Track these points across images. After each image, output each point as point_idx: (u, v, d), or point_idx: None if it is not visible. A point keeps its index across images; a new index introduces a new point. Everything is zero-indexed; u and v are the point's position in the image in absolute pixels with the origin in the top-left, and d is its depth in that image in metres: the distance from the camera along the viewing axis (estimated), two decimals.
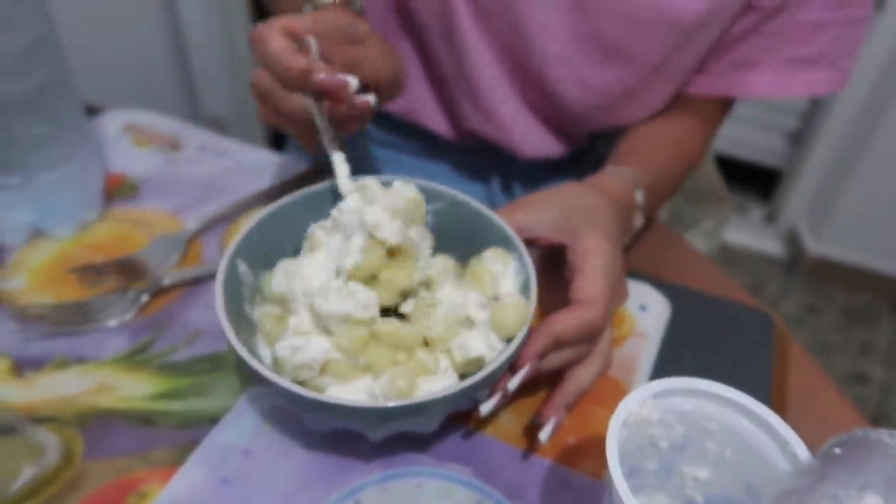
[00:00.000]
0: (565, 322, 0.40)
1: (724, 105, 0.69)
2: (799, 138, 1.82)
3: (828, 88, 0.63)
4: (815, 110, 1.75)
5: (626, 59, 0.61)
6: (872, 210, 1.72)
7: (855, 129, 1.68)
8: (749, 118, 1.82)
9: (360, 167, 0.75)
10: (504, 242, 0.45)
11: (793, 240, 1.90)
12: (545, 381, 0.47)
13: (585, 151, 0.77)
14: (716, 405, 0.34)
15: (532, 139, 0.69)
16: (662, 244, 0.80)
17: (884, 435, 0.28)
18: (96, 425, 0.43)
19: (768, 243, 1.94)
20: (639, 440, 0.35)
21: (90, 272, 0.52)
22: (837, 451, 0.28)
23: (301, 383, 0.38)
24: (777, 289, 1.85)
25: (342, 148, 0.46)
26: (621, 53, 0.60)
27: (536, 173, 0.75)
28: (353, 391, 0.38)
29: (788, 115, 1.81)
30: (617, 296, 0.44)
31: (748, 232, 1.96)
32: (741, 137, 1.86)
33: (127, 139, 0.66)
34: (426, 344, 0.41)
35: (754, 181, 1.99)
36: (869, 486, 0.26)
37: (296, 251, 0.46)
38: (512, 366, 0.39)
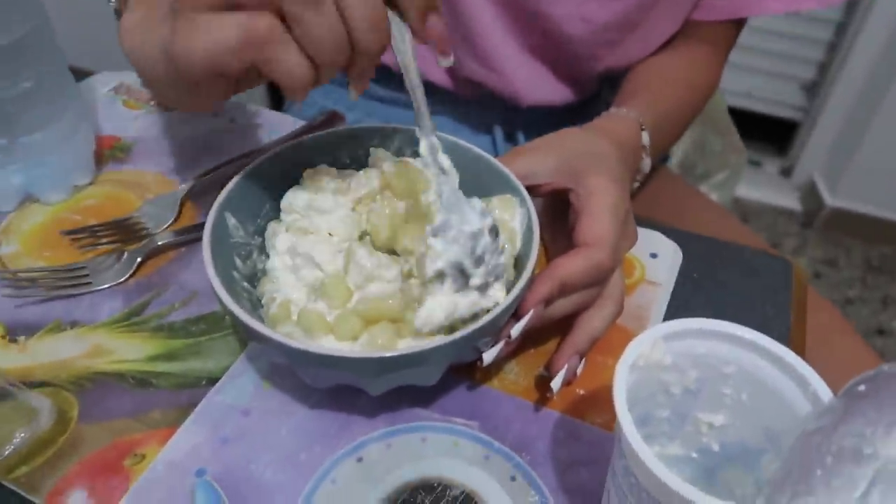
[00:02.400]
0: (571, 265, 0.38)
1: (736, 27, 0.66)
2: (815, 89, 1.77)
3: None
4: (832, 60, 1.70)
5: None
6: (891, 161, 1.67)
7: (873, 78, 1.62)
8: (764, 69, 1.77)
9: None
10: (506, 189, 0.43)
11: (810, 193, 1.85)
12: (553, 333, 0.45)
13: (591, 99, 0.74)
14: (731, 347, 0.32)
15: (534, 86, 0.67)
16: (675, 194, 0.77)
17: None
18: (92, 388, 0.42)
19: (784, 197, 1.90)
20: (650, 387, 0.33)
21: (83, 235, 0.51)
22: (862, 388, 0.26)
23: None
24: (794, 243, 1.81)
25: None
26: None
27: (540, 123, 0.72)
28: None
29: (805, 66, 1.76)
30: (625, 237, 0.42)
31: (763, 186, 1.91)
32: (756, 89, 1.81)
33: (118, 101, 0.64)
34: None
35: (769, 134, 1.94)
36: None
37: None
38: (515, 313, 0.38)
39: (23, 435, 0.38)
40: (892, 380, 0.26)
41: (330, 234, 0.42)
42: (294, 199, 0.42)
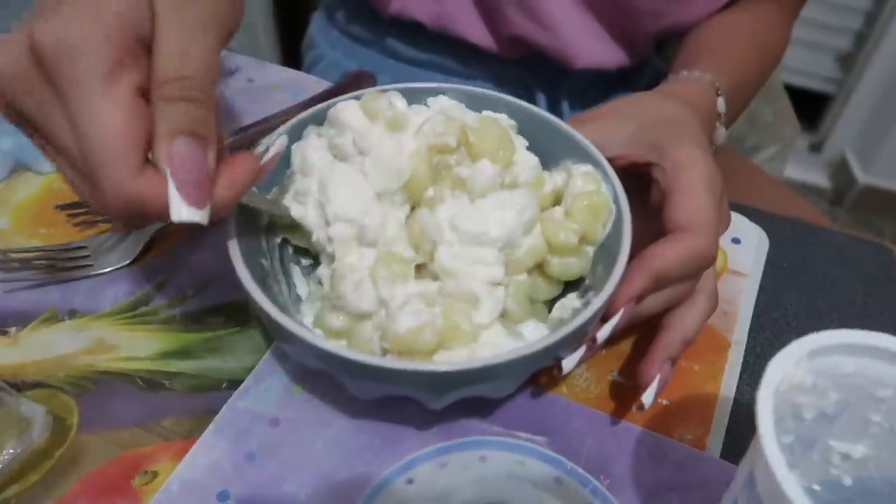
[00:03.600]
0: (668, 254, 0.32)
1: None
2: (851, 60, 1.68)
3: None
4: (870, 29, 1.61)
5: None
6: None
7: None
8: (797, 38, 1.68)
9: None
10: (580, 156, 0.36)
11: (840, 169, 1.78)
12: (631, 331, 0.39)
13: (641, 66, 0.67)
14: (891, 367, 0.26)
15: (587, 45, 0.60)
16: (731, 168, 0.71)
17: None
18: (94, 391, 0.36)
19: (813, 174, 1.82)
20: (779, 410, 0.27)
21: (82, 210, 0.44)
22: None
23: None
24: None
25: None
26: None
27: (587, 90, 0.66)
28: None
29: (841, 36, 1.67)
30: (721, 218, 0.36)
31: (791, 162, 1.83)
32: (787, 60, 1.72)
33: None
34: None
35: (799, 108, 1.86)
36: None
37: None
38: (604, 315, 0.31)
39: (12, 451, 0.32)
40: None
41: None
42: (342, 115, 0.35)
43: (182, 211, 0.26)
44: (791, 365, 0.25)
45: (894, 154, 1.65)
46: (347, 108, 0.34)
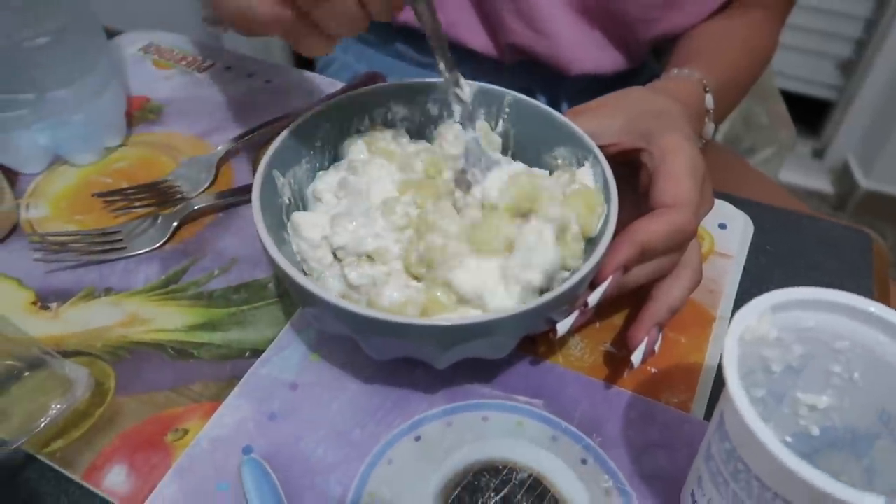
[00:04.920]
0: (651, 228, 0.35)
1: None
2: (852, 67, 1.71)
3: None
4: (870, 37, 1.64)
5: None
6: None
7: None
8: (799, 46, 1.71)
9: None
10: (572, 144, 0.39)
11: (843, 175, 1.80)
12: (621, 306, 0.42)
13: (639, 70, 0.70)
14: (847, 320, 0.29)
15: (583, 52, 0.63)
16: (723, 163, 0.74)
17: None
18: (129, 359, 0.39)
19: (816, 179, 1.85)
20: (749, 363, 0.30)
21: (116, 198, 0.48)
22: None
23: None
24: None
25: None
26: None
27: (584, 92, 0.69)
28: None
29: (842, 43, 1.70)
30: (704, 200, 0.39)
31: (794, 167, 1.86)
32: (789, 67, 1.75)
33: (148, 61, 0.61)
34: None
35: (802, 114, 1.88)
36: None
37: (333, 159, 0.42)
38: (593, 281, 0.34)
39: (59, 406, 0.35)
40: None
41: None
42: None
43: None
44: (755, 317, 0.28)
45: (895, 159, 1.67)
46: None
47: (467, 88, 0.39)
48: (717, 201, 0.49)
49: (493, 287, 0.33)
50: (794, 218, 0.49)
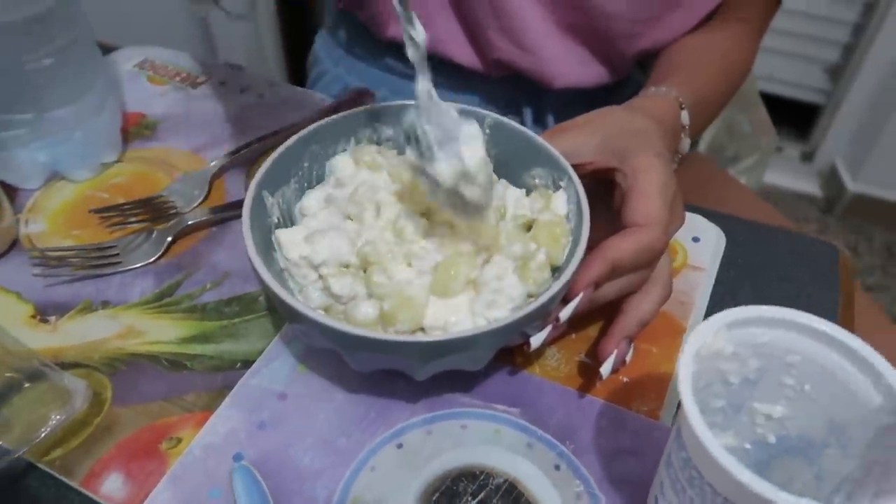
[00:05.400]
0: (622, 246, 0.37)
1: (772, 6, 0.64)
2: (840, 72, 1.73)
3: None
4: (857, 42, 1.66)
5: None
6: None
7: None
8: (788, 51, 1.73)
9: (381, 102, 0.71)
10: (549, 165, 0.41)
11: (831, 178, 1.83)
12: (595, 318, 0.44)
13: (624, 82, 0.72)
14: (797, 335, 0.31)
15: (567, 67, 0.65)
16: (705, 175, 0.76)
17: None
18: (125, 370, 0.41)
19: (805, 182, 1.87)
20: (707, 376, 0.32)
21: (112, 213, 0.50)
22: None
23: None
24: (814, 229, 1.79)
25: None
26: None
27: (571, 104, 0.71)
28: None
29: (830, 48, 1.72)
30: (675, 217, 0.41)
31: (784, 171, 1.89)
32: (779, 71, 1.77)
33: (143, 77, 0.63)
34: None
35: (791, 118, 1.91)
36: None
37: (320, 178, 0.44)
38: (564, 297, 0.36)
39: (59, 417, 0.37)
40: None
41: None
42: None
43: None
44: (710, 334, 0.30)
45: (882, 163, 1.70)
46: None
47: (420, 29, 0.38)
48: (691, 215, 0.51)
49: (462, 322, 0.35)
50: (765, 231, 0.51)
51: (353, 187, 0.40)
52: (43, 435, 0.36)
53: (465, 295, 0.37)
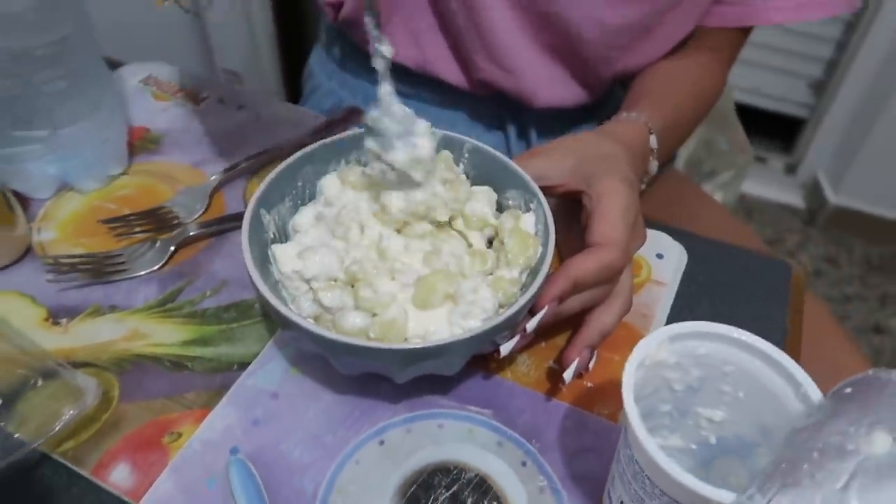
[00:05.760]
0: (583, 264, 0.41)
1: (743, 34, 0.68)
2: (823, 86, 1.78)
3: (843, 8, 0.62)
4: (840, 58, 1.71)
5: None
6: (894, 160, 1.69)
7: (880, 78, 1.64)
8: (772, 65, 1.78)
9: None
10: (521, 188, 0.45)
11: (813, 190, 1.87)
12: (564, 328, 0.48)
13: (604, 100, 0.76)
14: (731, 348, 0.35)
15: (547, 87, 0.69)
16: (679, 192, 0.80)
17: (894, 374, 0.28)
18: (131, 370, 0.45)
19: (788, 194, 1.92)
20: (654, 383, 0.36)
21: (119, 224, 0.53)
22: (849, 390, 0.29)
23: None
24: (797, 240, 1.83)
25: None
26: None
27: (553, 121, 0.75)
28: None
29: (813, 64, 1.77)
30: (635, 238, 0.45)
31: (768, 183, 1.93)
32: (763, 86, 1.82)
33: (147, 93, 0.67)
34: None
35: (775, 131, 1.96)
36: (878, 423, 0.27)
37: (312, 196, 0.47)
38: (531, 309, 0.40)
39: (71, 412, 0.40)
40: (876, 384, 0.29)
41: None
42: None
43: None
44: (654, 346, 0.34)
45: (863, 176, 1.75)
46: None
47: (387, 46, 0.43)
48: (657, 233, 0.55)
49: (440, 331, 0.39)
50: (724, 249, 0.55)
51: (339, 207, 0.44)
52: (57, 429, 0.40)
53: (443, 307, 0.41)
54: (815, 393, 0.32)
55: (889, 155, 1.68)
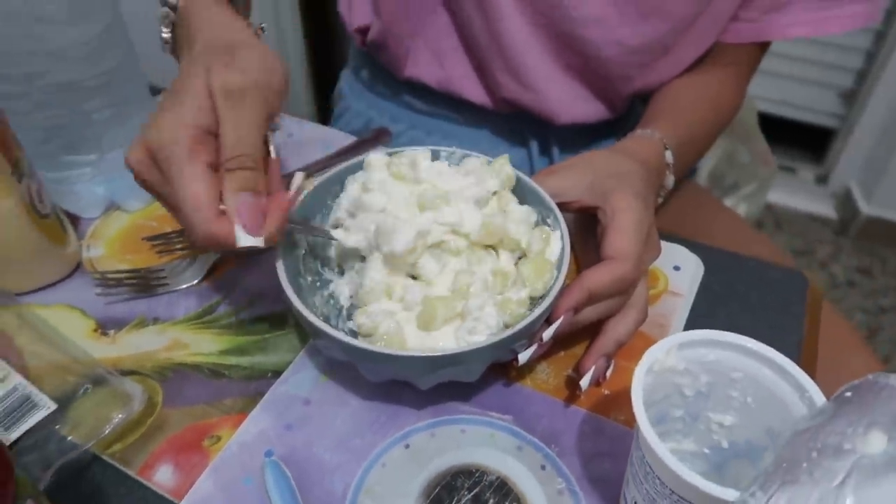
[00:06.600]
0: (598, 277, 0.43)
1: (760, 48, 0.69)
2: (853, 97, 1.77)
3: (862, 22, 0.63)
4: (870, 68, 1.70)
5: (661, 15, 0.62)
6: None
7: None
8: (802, 76, 1.78)
9: (400, 136, 0.78)
10: (539, 204, 0.47)
11: (845, 201, 1.85)
12: (582, 337, 0.50)
13: (626, 116, 0.78)
14: (738, 355, 0.36)
15: (568, 105, 0.71)
16: (698, 206, 0.81)
17: (892, 378, 0.30)
18: (173, 377, 0.48)
19: (819, 205, 1.90)
20: (665, 389, 0.38)
21: (160, 241, 0.57)
22: (849, 394, 0.31)
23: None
24: (828, 251, 1.82)
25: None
26: (657, 9, 0.61)
27: (575, 136, 0.76)
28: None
29: (843, 74, 1.76)
30: (648, 251, 0.46)
31: (798, 193, 1.92)
32: (793, 97, 1.81)
33: None
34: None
35: (805, 141, 1.95)
36: (875, 424, 0.29)
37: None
38: (548, 319, 0.42)
39: (120, 417, 0.44)
40: (873, 387, 0.30)
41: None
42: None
43: (243, 239, 0.38)
44: (662, 353, 0.35)
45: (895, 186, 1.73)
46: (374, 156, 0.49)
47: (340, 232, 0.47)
48: (674, 245, 0.57)
49: (447, 346, 0.42)
50: (740, 260, 0.57)
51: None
52: (106, 432, 0.43)
53: (451, 325, 0.43)
54: (819, 397, 0.33)
55: None
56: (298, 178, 0.42)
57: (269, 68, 0.42)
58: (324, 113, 1.50)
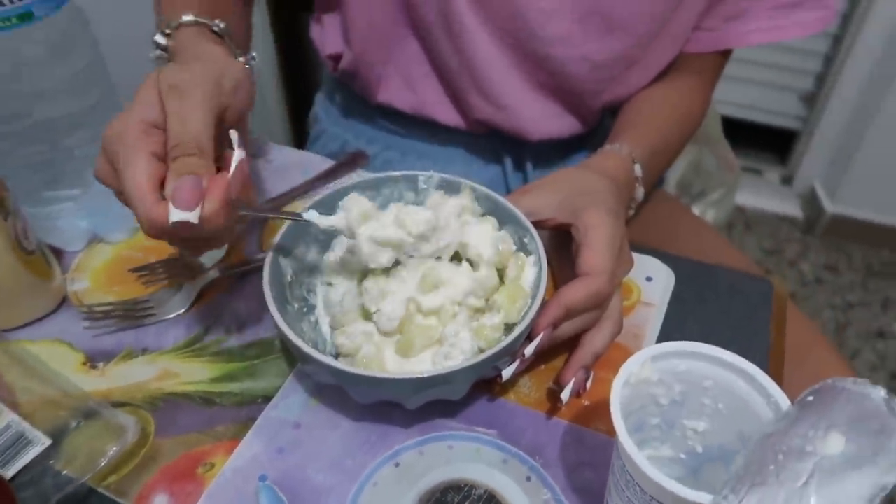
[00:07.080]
0: (574, 293, 0.45)
1: (723, 56, 0.72)
2: (814, 99, 1.83)
3: (818, 27, 0.66)
4: (828, 71, 1.75)
5: (626, 31, 0.64)
6: (888, 167, 1.72)
7: (869, 88, 1.68)
8: (765, 81, 1.83)
9: (376, 157, 0.79)
10: (515, 223, 0.49)
11: (810, 200, 1.91)
12: (561, 351, 0.52)
13: (596, 129, 0.80)
14: (708, 365, 0.38)
15: (541, 122, 0.73)
16: (668, 215, 0.84)
17: (848, 382, 0.32)
18: (164, 407, 0.49)
19: (786, 205, 1.96)
20: (641, 399, 0.40)
21: (146, 272, 0.58)
22: (810, 398, 0.33)
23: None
24: (796, 250, 1.87)
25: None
26: (621, 25, 0.64)
27: (548, 152, 0.78)
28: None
29: (803, 77, 1.81)
30: (621, 265, 0.49)
31: (765, 194, 1.97)
32: (756, 101, 1.86)
33: None
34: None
35: (770, 144, 2.00)
36: (833, 427, 0.31)
37: (324, 239, 0.52)
38: (528, 335, 0.44)
39: (114, 449, 0.44)
40: (832, 390, 0.32)
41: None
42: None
43: (175, 214, 0.39)
44: (637, 366, 0.37)
45: (859, 184, 1.78)
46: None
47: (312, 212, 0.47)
48: (645, 257, 0.59)
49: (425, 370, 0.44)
50: (708, 269, 0.59)
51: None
52: (101, 465, 0.44)
53: (429, 351, 0.45)
54: (784, 402, 0.36)
55: (882, 162, 1.72)
56: (237, 156, 0.43)
57: (219, 71, 0.45)
58: (300, 136, 1.52)
